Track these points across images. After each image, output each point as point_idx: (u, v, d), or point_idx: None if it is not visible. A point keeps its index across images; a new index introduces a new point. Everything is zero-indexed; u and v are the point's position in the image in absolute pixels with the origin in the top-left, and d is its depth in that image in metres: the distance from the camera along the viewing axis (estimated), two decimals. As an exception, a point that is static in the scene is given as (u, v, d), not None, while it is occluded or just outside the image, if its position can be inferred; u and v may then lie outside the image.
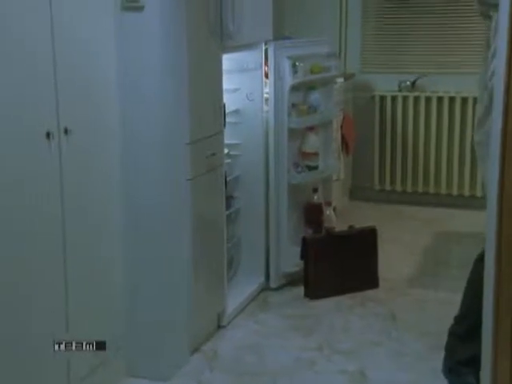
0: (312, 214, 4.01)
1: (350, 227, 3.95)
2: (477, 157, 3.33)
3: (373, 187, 5.37)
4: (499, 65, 2.70)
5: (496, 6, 3.04)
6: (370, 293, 3.82)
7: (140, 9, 2.86)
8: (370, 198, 5.35)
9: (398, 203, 5.29)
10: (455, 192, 5.20)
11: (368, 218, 4.73)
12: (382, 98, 5.26)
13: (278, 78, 3.74)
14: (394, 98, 5.23)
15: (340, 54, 5.23)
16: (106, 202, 2.92)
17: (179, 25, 2.94)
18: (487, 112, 3.09)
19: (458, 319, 2.80)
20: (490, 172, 2.76)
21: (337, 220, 4.27)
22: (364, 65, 5.36)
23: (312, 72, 3.91)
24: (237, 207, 3.81)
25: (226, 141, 3.49)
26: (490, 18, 3.23)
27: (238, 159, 3.80)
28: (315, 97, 3.97)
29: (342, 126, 4.81)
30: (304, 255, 3.80)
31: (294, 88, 3.81)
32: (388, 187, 5.35)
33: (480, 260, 3.23)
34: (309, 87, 3.96)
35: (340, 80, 4.70)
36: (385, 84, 5.27)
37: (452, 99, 5.08)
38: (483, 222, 4.56)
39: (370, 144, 5.31)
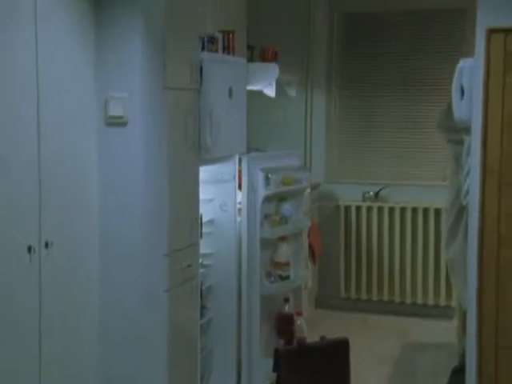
0: (283, 325, 3.99)
1: (322, 338, 3.93)
2: (449, 271, 3.42)
3: (338, 295, 5.39)
4: (473, 184, 2.85)
5: (455, 131, 3.25)
6: (342, 406, 3.76)
7: (123, 125, 2.94)
8: (335, 306, 5.36)
9: (363, 311, 5.30)
10: (420, 301, 5.25)
11: (335, 328, 4.72)
12: (347, 208, 5.38)
13: (252, 190, 3.82)
14: (358, 208, 5.35)
15: (305, 163, 5.37)
16: (83, 312, 2.90)
17: (160, 139, 3.02)
18: (456, 227, 3.22)
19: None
20: (469, 287, 2.84)
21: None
22: (328, 175, 5.50)
23: (283, 184, 4.01)
24: (209, 317, 3.78)
25: (200, 250, 3.51)
26: (451, 142, 3.44)
27: (210, 269, 3.80)
28: (287, 207, 4.06)
29: (308, 235, 4.88)
30: (276, 368, 3.74)
31: (267, 199, 3.89)
32: (353, 295, 5.38)
33: (455, 373, 3.26)
34: (280, 198, 4.04)
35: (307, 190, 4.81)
36: (349, 194, 5.40)
37: (414, 210, 5.22)
38: (447, 332, 4.62)
39: (336, 252, 5.38)
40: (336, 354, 3.88)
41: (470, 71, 2.90)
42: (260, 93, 4.56)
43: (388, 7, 5.23)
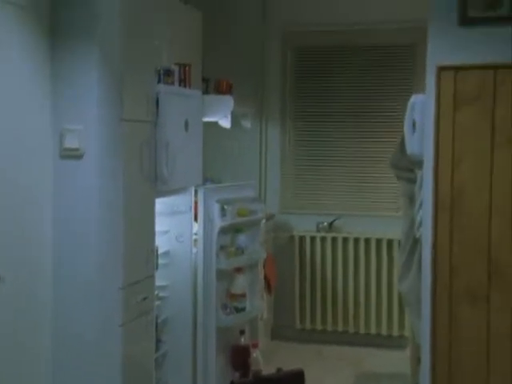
0: (239, 357, 3.98)
1: (278, 370, 3.92)
2: (404, 304, 3.46)
3: (294, 326, 5.39)
4: (425, 217, 2.91)
5: (408, 170, 3.34)
6: None
7: (79, 157, 2.92)
8: (291, 337, 5.36)
9: (318, 342, 5.31)
10: (373, 331, 5.29)
11: (290, 359, 4.72)
12: (301, 238, 5.41)
13: (208, 221, 3.82)
14: (312, 239, 5.39)
15: (260, 194, 5.40)
16: (36, 348, 2.85)
17: (116, 172, 3.02)
18: (410, 260, 3.28)
19: None
20: (422, 319, 2.89)
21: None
22: (283, 206, 5.54)
23: (239, 215, 4.02)
24: (164, 350, 3.74)
25: (156, 283, 3.48)
26: (403, 180, 3.51)
27: (166, 301, 3.78)
28: (242, 239, 4.07)
29: (264, 266, 4.88)
30: (232, 400, 3.71)
31: (222, 230, 3.89)
32: (308, 326, 5.39)
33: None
34: (236, 229, 4.05)
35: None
36: (303, 224, 5.44)
37: (367, 240, 5.29)
38: (400, 362, 4.65)
39: (291, 283, 5.39)
40: (292, 386, 3.88)
41: (421, 107, 2.98)
42: (215, 124, 4.59)
43: (340, 42, 5.34)
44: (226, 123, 4.61)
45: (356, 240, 5.31)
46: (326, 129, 5.43)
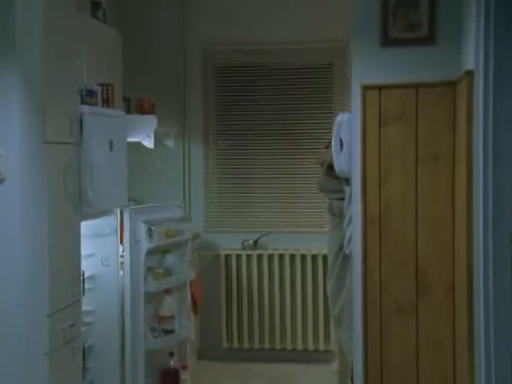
0: (169, 380, 3.92)
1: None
2: (335, 323, 3.50)
3: (221, 345, 5.35)
4: (355, 232, 2.97)
5: (338, 191, 3.40)
6: None
7: (0, 181, 2.82)
8: (218, 357, 5.31)
9: (246, 361, 5.28)
10: (300, 347, 5.32)
11: (219, 379, 4.69)
12: (227, 257, 5.39)
13: (134, 243, 3.76)
14: (238, 256, 5.38)
15: (185, 213, 5.35)
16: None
17: (39, 196, 2.94)
18: (342, 278, 3.32)
19: None
20: (354, 332, 2.93)
21: (191, 384, 4.19)
22: (208, 224, 5.51)
23: (167, 236, 3.97)
24: (91, 378, 3.63)
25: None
26: (334, 200, 3.56)
27: (92, 326, 3.68)
28: (170, 260, 4.02)
29: (190, 285, 4.84)
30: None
31: (150, 252, 3.84)
32: (236, 345, 5.37)
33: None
34: (164, 250, 4.00)
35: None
36: (229, 243, 5.42)
37: (292, 256, 5.32)
38: (328, 376, 4.70)
39: (217, 302, 5.36)
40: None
41: (347, 125, 3.04)
42: (138, 143, 4.53)
43: (261, 61, 5.38)
44: (149, 143, 4.56)
45: (281, 256, 5.34)
46: (249, 147, 5.45)
